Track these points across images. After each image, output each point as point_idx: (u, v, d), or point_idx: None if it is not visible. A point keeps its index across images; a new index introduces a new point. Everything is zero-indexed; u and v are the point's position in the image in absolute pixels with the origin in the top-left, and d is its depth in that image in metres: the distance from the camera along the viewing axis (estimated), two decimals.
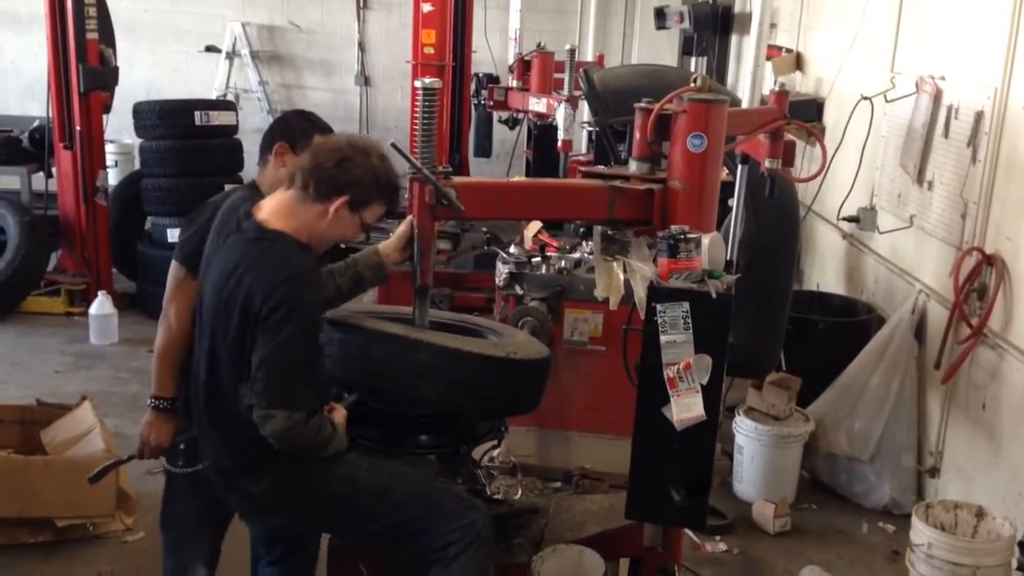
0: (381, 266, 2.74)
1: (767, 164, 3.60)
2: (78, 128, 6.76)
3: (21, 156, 7.27)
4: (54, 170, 7.07)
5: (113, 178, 7.94)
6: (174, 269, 2.90)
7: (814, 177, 4.09)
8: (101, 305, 6.37)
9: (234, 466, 2.52)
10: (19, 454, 4.07)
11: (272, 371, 2.38)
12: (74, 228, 6.93)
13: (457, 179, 2.67)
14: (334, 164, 2.48)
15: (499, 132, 8.11)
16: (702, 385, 2.38)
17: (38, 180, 7.32)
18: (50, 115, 6.85)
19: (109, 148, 7.85)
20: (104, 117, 7.02)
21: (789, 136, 3.75)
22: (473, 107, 7.98)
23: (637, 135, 2.74)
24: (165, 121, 6.96)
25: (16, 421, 4.37)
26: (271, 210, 2.53)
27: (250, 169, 2.64)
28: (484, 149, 8.11)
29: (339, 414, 2.59)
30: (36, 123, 7.26)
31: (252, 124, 9.68)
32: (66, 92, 6.73)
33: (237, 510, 2.83)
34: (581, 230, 5.08)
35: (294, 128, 3.02)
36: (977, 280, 4.01)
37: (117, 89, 7.16)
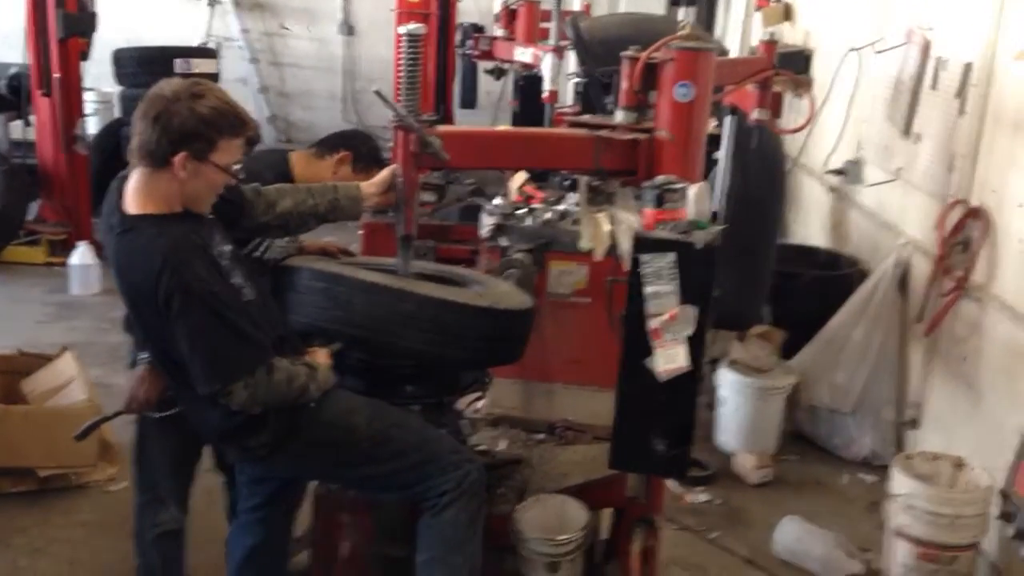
0: (358, 200, 2.72)
1: (755, 115, 3.57)
2: (57, 75, 6.65)
3: None
4: (33, 118, 6.96)
5: (93, 127, 7.84)
6: None
7: (802, 128, 4.07)
8: (82, 255, 6.31)
9: (227, 427, 2.50)
10: (0, 404, 4.05)
11: (204, 357, 2.33)
12: (53, 177, 6.84)
13: (442, 128, 2.64)
14: (151, 128, 2.33)
15: (485, 83, 8.02)
16: (686, 336, 2.38)
17: (17, 128, 7.21)
18: (28, 62, 6.73)
19: (89, 96, 7.73)
20: (82, 64, 6.90)
21: (776, 87, 3.73)
22: (459, 57, 7.88)
23: (624, 84, 2.71)
24: (145, 68, 6.85)
25: None
26: (131, 195, 2.42)
27: None
28: (469, 100, 8.02)
29: (320, 355, 2.57)
30: (13, 70, 7.13)
31: (233, 73, 9.55)
32: (44, 38, 6.60)
33: (236, 461, 2.83)
34: (567, 182, 5.07)
35: (363, 150, 3.19)
36: (962, 233, 4.01)
37: (96, 37, 7.03)
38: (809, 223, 6.32)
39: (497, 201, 5.11)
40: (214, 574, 3.18)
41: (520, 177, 5.22)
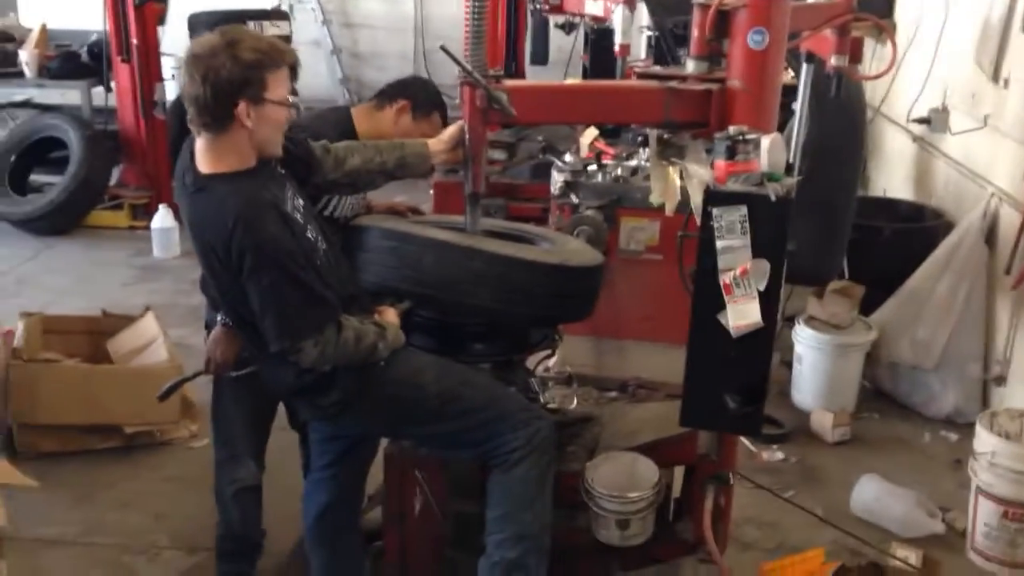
0: (425, 157, 2.71)
1: (833, 61, 3.44)
2: (134, 41, 6.77)
3: (80, 71, 7.33)
4: (113, 84, 7.11)
5: (171, 92, 7.97)
6: None
7: (883, 74, 3.90)
8: (163, 219, 6.45)
9: (299, 385, 2.54)
10: (86, 363, 4.19)
11: (276, 314, 2.36)
12: (134, 142, 7.01)
13: (508, 82, 2.60)
14: (202, 85, 2.31)
15: (556, 38, 7.92)
16: (759, 291, 2.32)
17: (98, 95, 7.38)
18: (107, 28, 6.86)
19: (167, 62, 7.86)
20: (159, 30, 7.02)
21: (857, 33, 3.58)
22: (529, 13, 7.80)
23: (695, 33, 2.64)
24: None
25: (84, 332, 4.49)
26: (201, 156, 2.42)
27: (304, 80, 2.62)
28: (541, 56, 7.94)
29: (389, 314, 2.58)
30: (94, 37, 7.28)
31: (306, 35, 9.60)
32: (122, 5, 6.72)
33: (308, 419, 2.88)
34: (639, 137, 4.99)
35: (421, 96, 3.10)
36: None
37: (172, 1, 7.13)
38: (891, 174, 6.13)
39: (568, 158, 5.06)
40: (291, 528, 3.26)
41: (591, 133, 5.16)
